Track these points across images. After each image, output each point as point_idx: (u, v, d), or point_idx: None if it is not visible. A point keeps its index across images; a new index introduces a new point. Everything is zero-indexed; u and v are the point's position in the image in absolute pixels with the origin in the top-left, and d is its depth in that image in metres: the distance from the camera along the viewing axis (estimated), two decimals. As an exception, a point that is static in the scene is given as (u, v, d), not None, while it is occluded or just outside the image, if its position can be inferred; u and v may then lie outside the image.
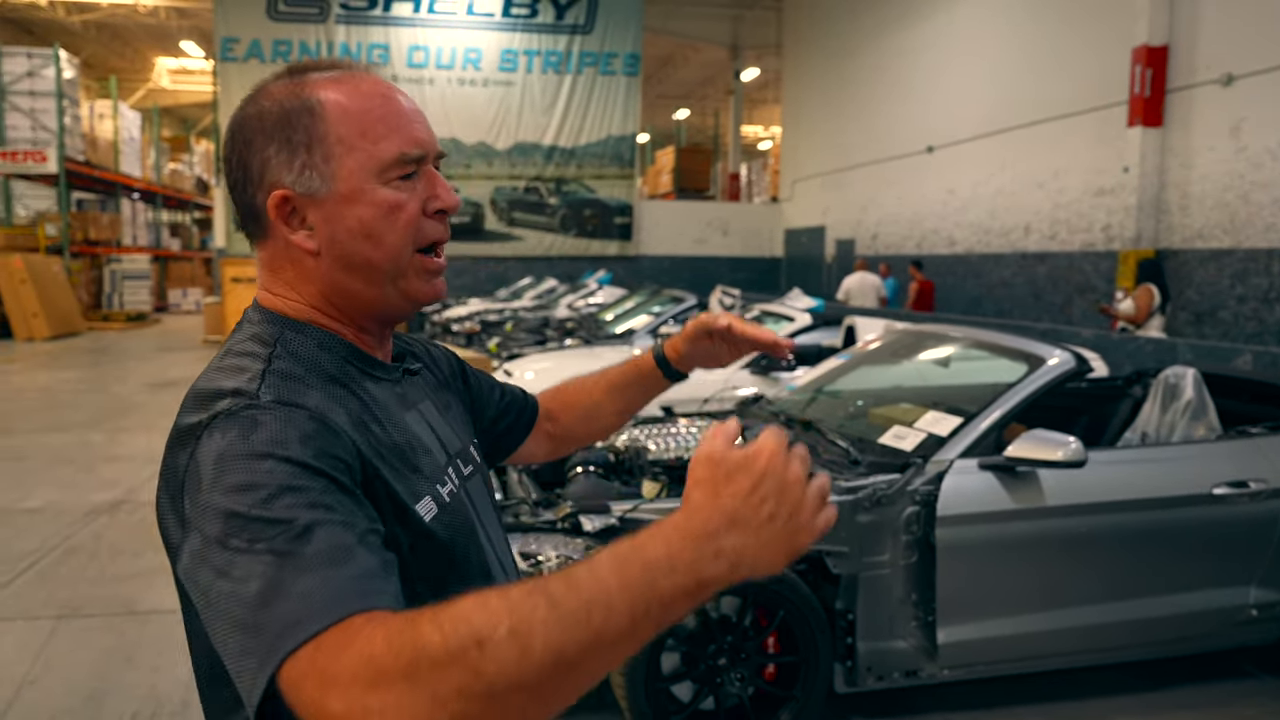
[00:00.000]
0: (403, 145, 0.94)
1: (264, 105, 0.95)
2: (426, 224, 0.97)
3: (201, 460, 0.81)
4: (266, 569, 0.71)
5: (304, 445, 0.81)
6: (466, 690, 0.63)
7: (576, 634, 0.65)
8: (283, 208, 0.94)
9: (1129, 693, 3.50)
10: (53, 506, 5.66)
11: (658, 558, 0.69)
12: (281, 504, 0.75)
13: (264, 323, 0.97)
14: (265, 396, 0.85)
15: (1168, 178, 10.27)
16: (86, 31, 24.01)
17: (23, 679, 3.44)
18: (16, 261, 15.22)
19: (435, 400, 1.10)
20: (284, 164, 0.93)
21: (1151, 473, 3.39)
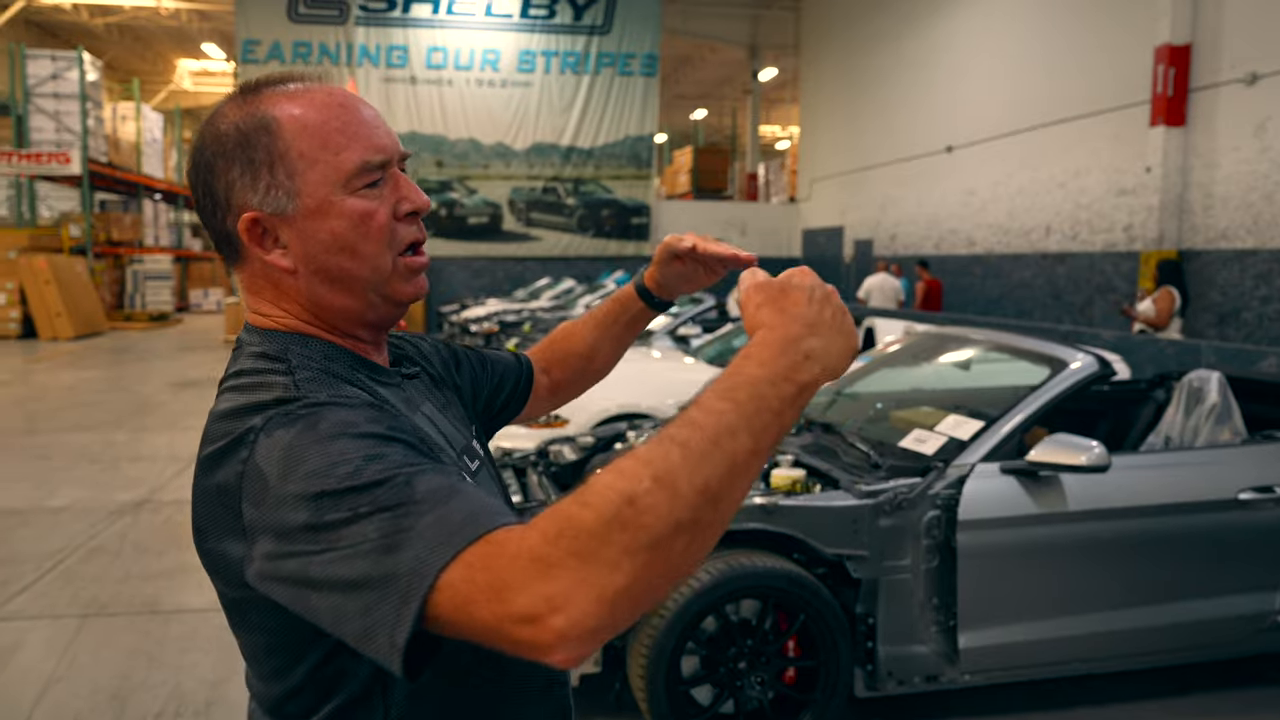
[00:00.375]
0: (364, 153, 0.93)
1: (221, 128, 0.94)
2: (400, 228, 0.96)
3: (263, 461, 0.80)
4: (380, 524, 0.72)
5: (371, 423, 0.82)
6: (633, 545, 0.65)
7: (713, 465, 0.70)
8: (254, 229, 0.93)
9: (1152, 699, 3.47)
10: (77, 505, 5.72)
11: (758, 376, 0.76)
12: (370, 471, 0.75)
13: (265, 341, 0.96)
14: (312, 396, 0.85)
15: (1190, 178, 10.18)
16: (109, 34, 24.24)
17: (49, 676, 3.48)
18: (41, 262, 15.39)
19: (434, 400, 1.11)
20: (248, 186, 0.92)
21: (1176, 477, 3.36)
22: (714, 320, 9.14)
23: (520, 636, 0.66)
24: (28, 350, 14.16)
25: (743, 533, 3.02)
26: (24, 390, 10.35)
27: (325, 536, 0.74)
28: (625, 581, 0.65)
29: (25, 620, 4.00)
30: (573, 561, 0.65)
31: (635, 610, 0.67)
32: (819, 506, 3.03)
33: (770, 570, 2.94)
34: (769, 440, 0.73)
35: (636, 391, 5.78)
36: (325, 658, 0.88)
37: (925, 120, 15.31)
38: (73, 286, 16.08)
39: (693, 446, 0.69)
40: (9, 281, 15.54)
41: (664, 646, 2.87)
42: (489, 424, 1.34)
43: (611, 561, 0.65)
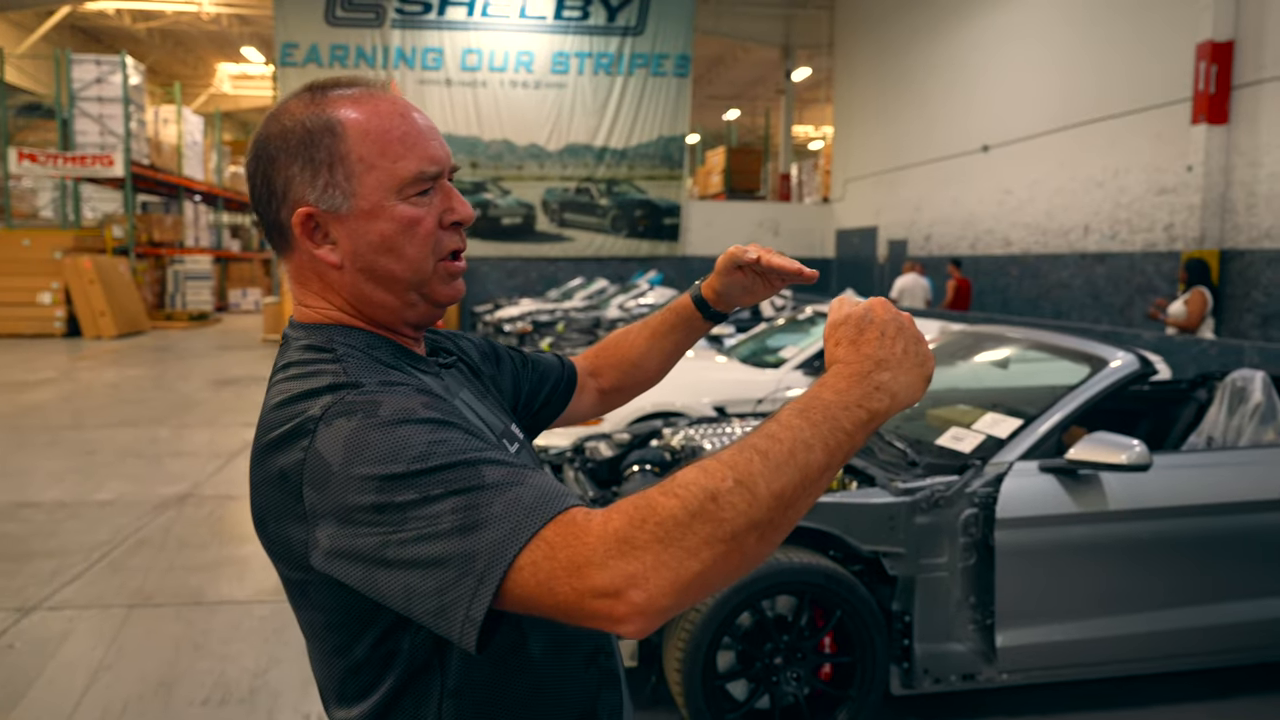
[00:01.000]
0: (420, 164, 0.98)
1: (286, 124, 0.98)
2: (444, 236, 1.01)
3: (324, 448, 0.84)
4: (454, 505, 0.78)
5: (429, 409, 0.87)
6: (712, 537, 0.73)
7: (789, 474, 0.77)
8: (307, 224, 0.98)
9: (1193, 701, 3.43)
10: (123, 499, 5.84)
11: (832, 401, 0.83)
12: (438, 455, 0.81)
13: (311, 334, 1.01)
14: (367, 381, 0.90)
15: (1233, 176, 10.01)
16: (152, 39, 24.69)
17: (98, 665, 3.56)
18: (85, 262, 15.70)
19: (471, 388, 1.16)
20: (307, 182, 0.97)
21: (1219, 477, 3.32)
22: (747, 320, 9.13)
23: (598, 609, 0.73)
24: (73, 348, 14.46)
25: (779, 529, 3.03)
26: (70, 387, 10.57)
27: (395, 517, 0.79)
28: (700, 568, 0.73)
29: (74, 610, 4.09)
30: (655, 545, 0.72)
31: (704, 594, 0.75)
32: (856, 503, 3.03)
33: (806, 566, 2.95)
34: (840, 458, 0.81)
35: (670, 390, 5.79)
36: (384, 634, 0.92)
37: (961, 119, 15.18)
38: (116, 286, 16.39)
39: (772, 456, 0.77)
40: (54, 281, 15.87)
41: (700, 641, 2.89)
42: (531, 422, 1.37)
43: (691, 549, 0.72)
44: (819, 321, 6.89)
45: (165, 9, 22.18)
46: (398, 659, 0.93)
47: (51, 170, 17.44)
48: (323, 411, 0.87)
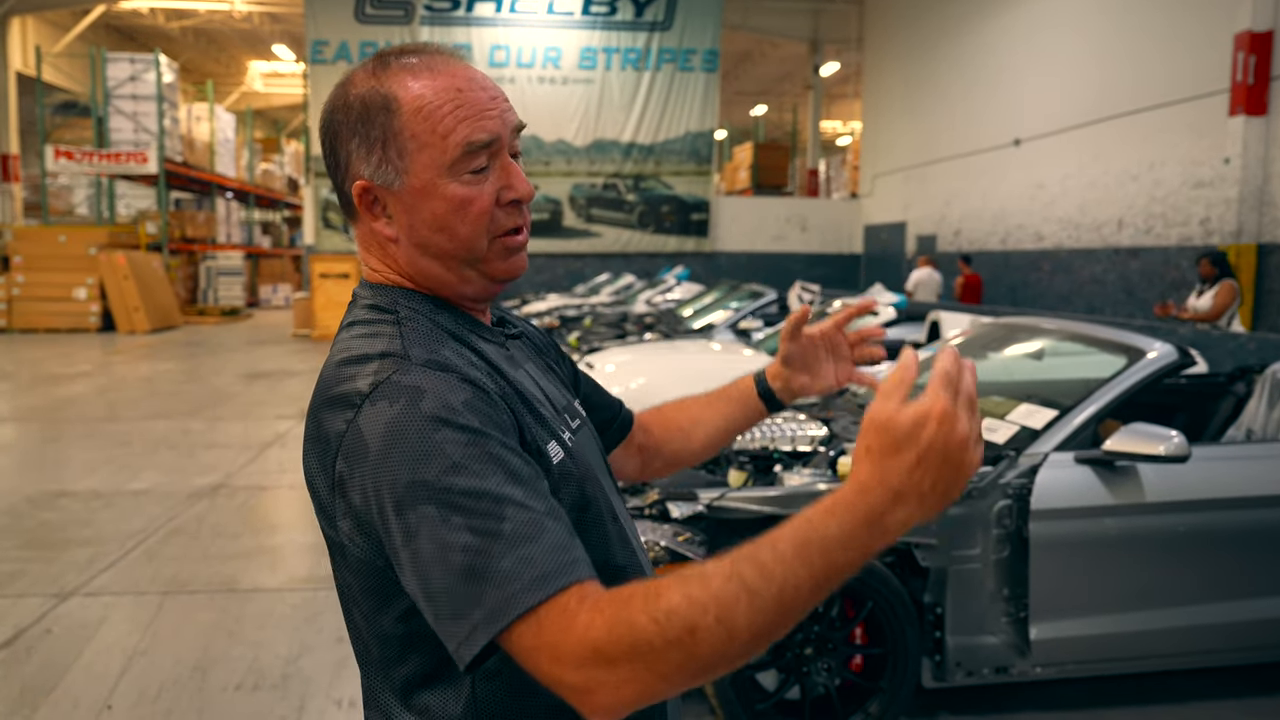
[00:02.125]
0: (470, 134, 0.96)
1: (349, 97, 0.99)
2: (500, 214, 1.00)
3: (366, 428, 0.86)
4: (469, 544, 0.80)
5: (470, 411, 0.87)
6: (685, 667, 0.77)
7: (772, 615, 0.77)
8: (365, 197, 0.99)
9: (1230, 698, 3.38)
10: (157, 489, 5.92)
11: (833, 537, 0.78)
12: (468, 475, 0.83)
13: (376, 294, 1.03)
14: (416, 355, 0.91)
15: (1272, 169, 9.83)
16: (185, 37, 24.98)
17: (134, 649, 3.61)
18: (120, 258, 15.93)
19: (536, 363, 1.15)
20: (363, 158, 0.98)
21: (1259, 470, 3.26)
22: (775, 315, 9.09)
23: (567, 695, 0.79)
24: (107, 343, 14.67)
25: (810, 519, 3.01)
26: (105, 380, 10.73)
27: (412, 524, 0.82)
28: (666, 688, 0.78)
29: (110, 596, 4.15)
30: (627, 663, 0.76)
31: (668, 698, 0.80)
32: (887, 494, 3.00)
33: (837, 557, 2.92)
34: (826, 592, 0.80)
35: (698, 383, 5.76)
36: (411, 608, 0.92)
37: (992, 113, 15.02)
38: (149, 282, 16.61)
39: (759, 597, 0.77)
40: (89, 277, 16.11)
41: (730, 631, 2.87)
42: None
43: (661, 673, 0.76)
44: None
45: (198, 7, 22.43)
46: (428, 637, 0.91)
47: (87, 167, 17.71)
48: (370, 387, 0.88)
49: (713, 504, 2.97)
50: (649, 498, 3.12)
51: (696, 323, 9.18)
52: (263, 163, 25.93)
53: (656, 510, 3.06)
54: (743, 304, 9.13)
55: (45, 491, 5.86)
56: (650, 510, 3.08)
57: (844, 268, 20.28)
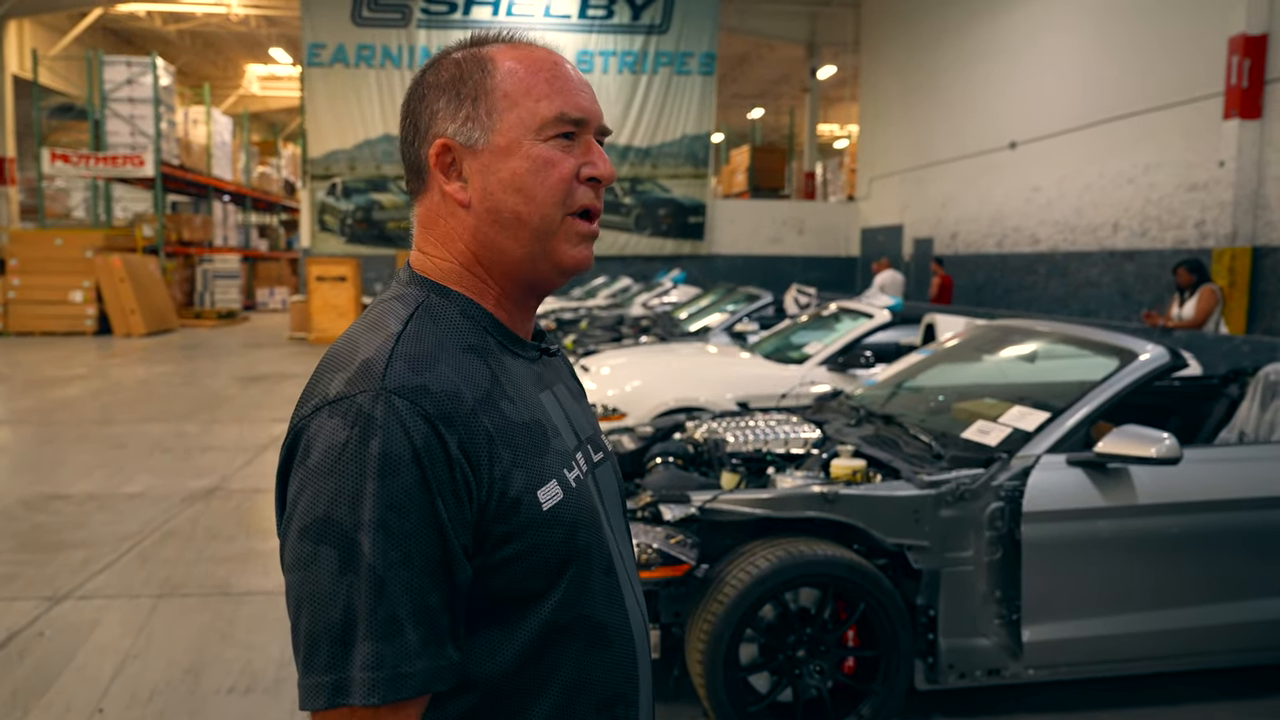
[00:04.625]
0: (564, 106, 0.96)
1: (443, 63, 1.00)
2: (578, 188, 0.98)
3: (313, 440, 0.86)
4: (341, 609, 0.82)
5: (412, 467, 0.84)
6: None
7: None
8: (443, 157, 0.97)
9: (1223, 700, 3.38)
10: (152, 492, 5.91)
11: None
12: (375, 538, 0.82)
13: (411, 284, 0.99)
14: (391, 380, 0.86)
15: (1267, 172, 9.85)
16: (182, 40, 24.98)
17: (126, 652, 3.61)
18: (116, 261, 15.91)
19: (569, 385, 1.10)
20: (449, 115, 0.97)
21: (1251, 472, 3.27)
22: (771, 318, 9.10)
23: None
24: (103, 346, 14.65)
25: (802, 521, 3.02)
26: (101, 383, 10.71)
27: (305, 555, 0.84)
28: None
29: (104, 599, 4.15)
30: None
31: None
32: (880, 496, 3.01)
33: (830, 559, 2.93)
34: None
35: (693, 385, 5.79)
36: None
37: (988, 116, 15.05)
38: (145, 285, 16.60)
39: None
40: (86, 280, 16.09)
41: (722, 633, 2.88)
42: None
43: None
44: (843, 318, 6.85)
45: (195, 11, 22.42)
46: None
47: (83, 170, 17.69)
48: (335, 396, 0.86)
49: (705, 506, 2.97)
50: (642, 500, 3.12)
51: (692, 325, 9.19)
52: (260, 166, 25.92)
53: (649, 513, 3.06)
54: (739, 307, 9.14)
55: (39, 494, 5.85)
56: (643, 513, 3.08)
57: (841, 270, 20.29)
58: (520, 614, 0.91)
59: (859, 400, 4.12)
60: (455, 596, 0.86)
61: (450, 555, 0.85)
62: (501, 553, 0.89)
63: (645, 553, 2.91)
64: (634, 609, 1.03)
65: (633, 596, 1.04)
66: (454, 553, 0.85)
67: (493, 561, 0.89)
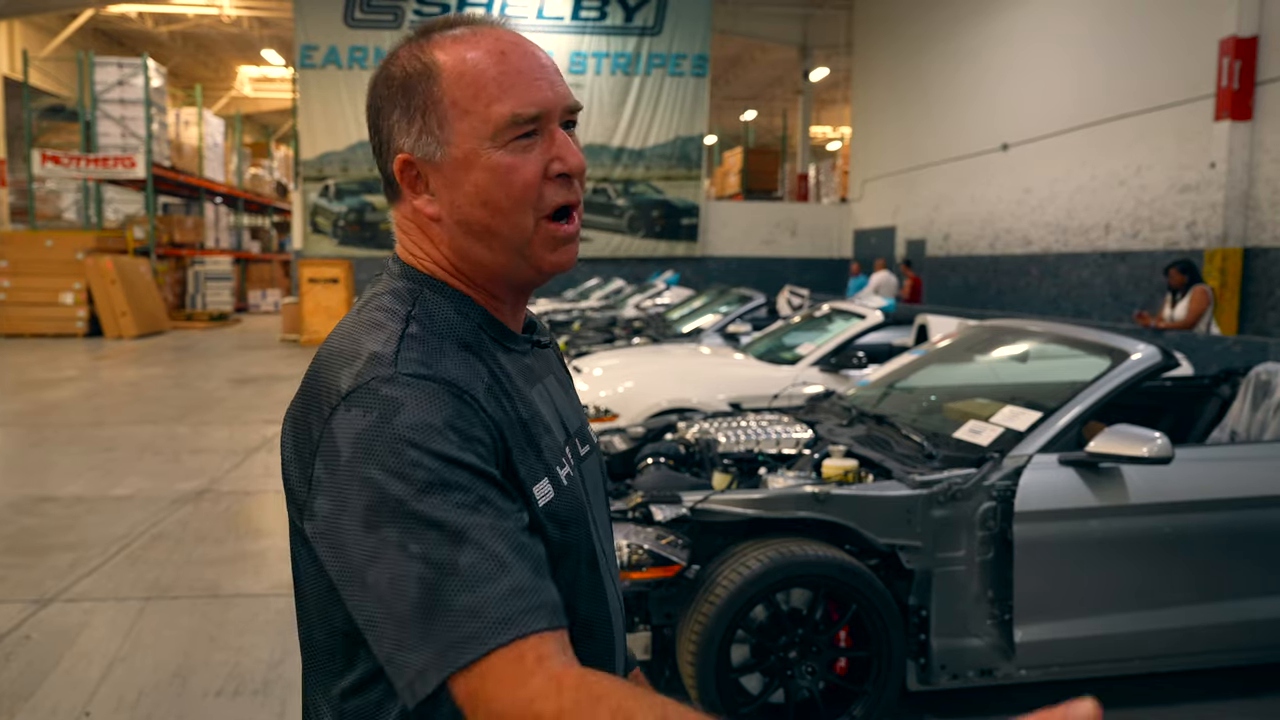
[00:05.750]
0: (516, 106, 0.91)
1: (391, 70, 0.95)
2: (549, 188, 0.93)
3: (338, 434, 0.83)
4: (424, 576, 0.77)
5: (447, 430, 0.82)
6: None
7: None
8: (407, 172, 0.94)
9: (1216, 700, 3.38)
10: (141, 494, 5.87)
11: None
12: (432, 500, 0.79)
13: (403, 278, 0.97)
14: (404, 367, 0.85)
15: (1257, 173, 9.89)
16: (173, 42, 24.91)
17: (113, 656, 3.58)
18: (107, 263, 15.84)
19: (558, 375, 1.09)
20: (404, 130, 0.93)
21: (1243, 471, 3.26)
22: (763, 319, 9.10)
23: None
24: (94, 348, 14.59)
25: (794, 521, 3.01)
26: (91, 386, 10.66)
27: (377, 544, 0.79)
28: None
29: (91, 602, 4.11)
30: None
31: None
32: (871, 496, 3.00)
33: (821, 559, 2.92)
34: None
35: (686, 386, 5.77)
36: None
37: (981, 118, 15.08)
38: (137, 286, 16.53)
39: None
40: (76, 281, 16.02)
41: (714, 634, 2.87)
42: None
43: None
44: (835, 319, 6.85)
45: (186, 12, 22.37)
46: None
47: (74, 172, 17.62)
48: (348, 390, 0.84)
49: (696, 506, 2.96)
50: (633, 500, 3.10)
51: (685, 327, 9.17)
52: (252, 168, 25.84)
53: (640, 513, 3.05)
54: (731, 308, 9.13)
55: (28, 497, 5.81)
56: (633, 513, 3.06)
57: (834, 272, 20.31)
58: None
59: (851, 400, 4.11)
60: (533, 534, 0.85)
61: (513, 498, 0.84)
62: None
63: (636, 553, 2.89)
64: (614, 601, 1.03)
65: (613, 588, 1.04)
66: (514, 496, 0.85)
67: None
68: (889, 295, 13.32)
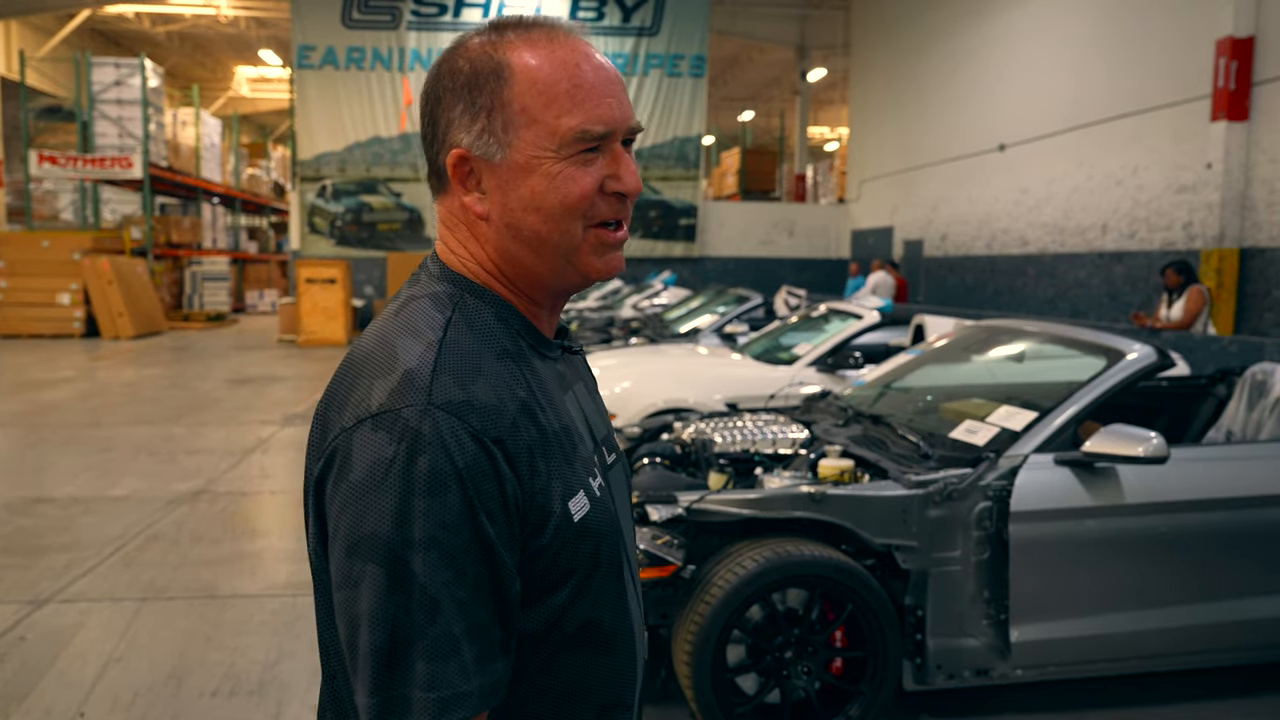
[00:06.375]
0: (586, 122, 0.91)
1: (458, 63, 0.94)
2: (601, 201, 0.93)
3: (357, 451, 0.83)
4: (395, 628, 0.81)
5: (460, 488, 0.82)
6: None
7: None
8: (460, 167, 0.94)
9: (1212, 700, 3.38)
10: (137, 495, 5.87)
11: None
12: (427, 557, 0.81)
13: (443, 280, 0.96)
14: (438, 396, 0.84)
15: (1254, 173, 9.90)
16: (170, 42, 24.88)
17: (109, 656, 3.57)
18: (104, 263, 15.82)
19: (586, 382, 1.09)
20: (465, 125, 0.92)
21: (1239, 471, 3.27)
22: (761, 319, 9.10)
23: None
24: (91, 348, 14.57)
25: (789, 521, 3.01)
26: (88, 386, 10.64)
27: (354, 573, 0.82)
28: None
29: (87, 602, 4.11)
30: None
31: None
32: (867, 496, 3.00)
33: (817, 559, 2.92)
34: None
35: (682, 386, 5.77)
36: None
37: (978, 118, 15.09)
38: (134, 287, 16.51)
39: None
40: (73, 282, 15.99)
41: (709, 634, 2.86)
42: None
43: None
44: (832, 319, 6.85)
45: (184, 12, 22.34)
46: None
47: (71, 172, 17.60)
48: (379, 409, 0.84)
49: (692, 507, 2.96)
50: (628, 501, 3.10)
51: (682, 327, 9.18)
52: (249, 168, 25.82)
53: (635, 513, 3.05)
54: (729, 309, 9.14)
55: (23, 498, 5.80)
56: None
57: (831, 273, 20.31)
58: (537, 622, 0.90)
59: (847, 401, 4.11)
60: (505, 610, 0.85)
61: (500, 571, 0.84)
62: (536, 566, 0.88)
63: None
64: (635, 612, 1.03)
65: (635, 599, 1.03)
66: (504, 567, 0.84)
67: (530, 573, 0.88)
68: (886, 295, 13.34)
